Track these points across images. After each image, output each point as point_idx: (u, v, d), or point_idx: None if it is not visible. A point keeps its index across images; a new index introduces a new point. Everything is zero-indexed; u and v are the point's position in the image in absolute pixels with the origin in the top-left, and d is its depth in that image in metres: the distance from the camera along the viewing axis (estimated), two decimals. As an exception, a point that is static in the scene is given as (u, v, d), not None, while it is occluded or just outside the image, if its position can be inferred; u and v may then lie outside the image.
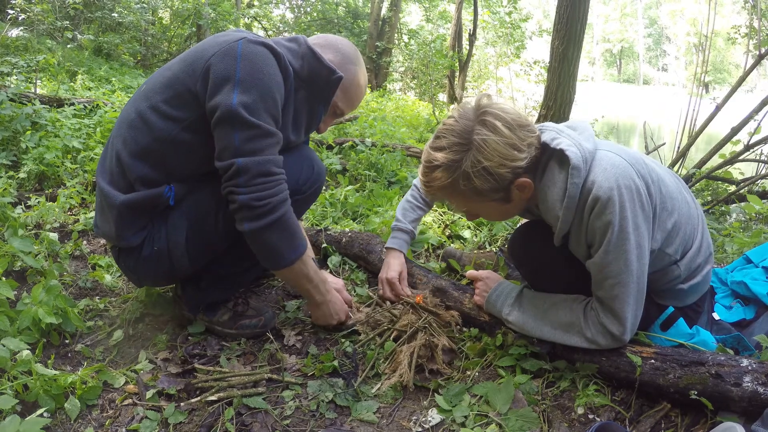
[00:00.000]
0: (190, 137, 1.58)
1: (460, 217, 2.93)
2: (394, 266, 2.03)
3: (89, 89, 6.55)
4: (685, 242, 1.52)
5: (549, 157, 1.47)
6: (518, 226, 1.85)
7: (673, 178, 1.57)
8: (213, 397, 1.51)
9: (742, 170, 4.15)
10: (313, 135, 4.29)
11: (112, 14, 10.70)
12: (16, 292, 1.77)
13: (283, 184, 1.56)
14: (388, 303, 1.97)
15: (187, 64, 1.57)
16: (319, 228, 2.54)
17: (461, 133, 1.39)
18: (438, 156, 1.41)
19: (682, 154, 4.39)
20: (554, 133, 1.47)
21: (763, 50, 4.15)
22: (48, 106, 3.96)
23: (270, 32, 16.90)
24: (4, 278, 1.76)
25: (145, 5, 11.51)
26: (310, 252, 1.86)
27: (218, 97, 1.49)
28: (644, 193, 1.39)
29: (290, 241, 1.60)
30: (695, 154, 5.37)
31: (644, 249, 1.40)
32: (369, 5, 17.33)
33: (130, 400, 1.54)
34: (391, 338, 1.77)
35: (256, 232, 1.54)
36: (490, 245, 2.71)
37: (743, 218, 3.41)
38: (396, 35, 16.62)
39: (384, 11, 15.92)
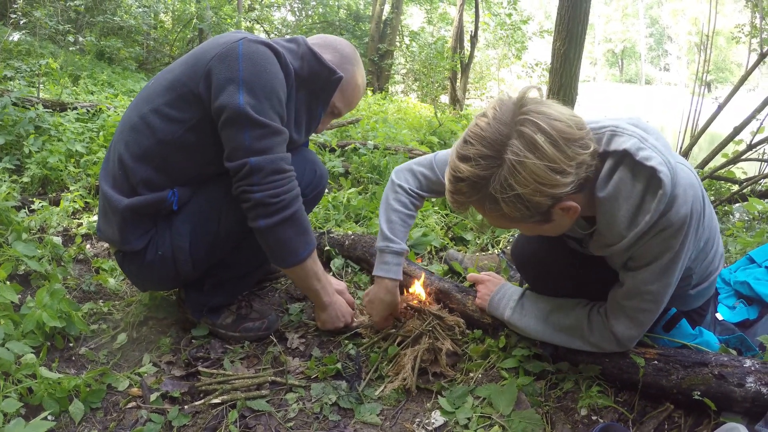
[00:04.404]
0: (194, 139, 1.58)
1: (462, 220, 2.93)
2: (381, 307, 1.76)
3: (92, 93, 6.57)
4: (705, 254, 1.47)
5: (618, 163, 1.22)
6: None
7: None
8: (217, 400, 1.52)
9: (744, 170, 4.14)
10: (316, 137, 4.30)
11: (114, 18, 10.73)
12: (20, 296, 1.78)
13: (295, 181, 1.58)
14: None
15: (188, 66, 1.57)
16: (321, 231, 2.54)
17: (493, 142, 1.12)
18: (462, 168, 1.15)
19: (685, 154, 4.38)
20: (638, 142, 1.21)
21: (765, 48, 4.14)
22: (51, 111, 3.96)
23: (272, 35, 16.92)
24: (8, 282, 1.76)
25: (147, 8, 11.54)
26: None
27: (223, 97, 1.49)
28: (701, 216, 1.28)
29: (303, 237, 1.61)
30: (698, 154, 5.36)
31: (683, 269, 1.33)
32: (370, 7, 17.34)
33: (134, 403, 1.55)
34: (395, 343, 1.76)
35: (270, 229, 1.55)
36: (492, 247, 2.71)
37: (746, 218, 3.39)
38: (397, 37, 16.61)
39: (385, 13, 15.92)
